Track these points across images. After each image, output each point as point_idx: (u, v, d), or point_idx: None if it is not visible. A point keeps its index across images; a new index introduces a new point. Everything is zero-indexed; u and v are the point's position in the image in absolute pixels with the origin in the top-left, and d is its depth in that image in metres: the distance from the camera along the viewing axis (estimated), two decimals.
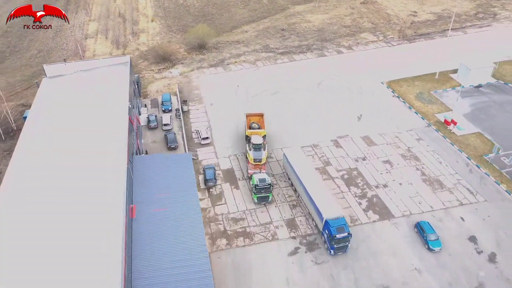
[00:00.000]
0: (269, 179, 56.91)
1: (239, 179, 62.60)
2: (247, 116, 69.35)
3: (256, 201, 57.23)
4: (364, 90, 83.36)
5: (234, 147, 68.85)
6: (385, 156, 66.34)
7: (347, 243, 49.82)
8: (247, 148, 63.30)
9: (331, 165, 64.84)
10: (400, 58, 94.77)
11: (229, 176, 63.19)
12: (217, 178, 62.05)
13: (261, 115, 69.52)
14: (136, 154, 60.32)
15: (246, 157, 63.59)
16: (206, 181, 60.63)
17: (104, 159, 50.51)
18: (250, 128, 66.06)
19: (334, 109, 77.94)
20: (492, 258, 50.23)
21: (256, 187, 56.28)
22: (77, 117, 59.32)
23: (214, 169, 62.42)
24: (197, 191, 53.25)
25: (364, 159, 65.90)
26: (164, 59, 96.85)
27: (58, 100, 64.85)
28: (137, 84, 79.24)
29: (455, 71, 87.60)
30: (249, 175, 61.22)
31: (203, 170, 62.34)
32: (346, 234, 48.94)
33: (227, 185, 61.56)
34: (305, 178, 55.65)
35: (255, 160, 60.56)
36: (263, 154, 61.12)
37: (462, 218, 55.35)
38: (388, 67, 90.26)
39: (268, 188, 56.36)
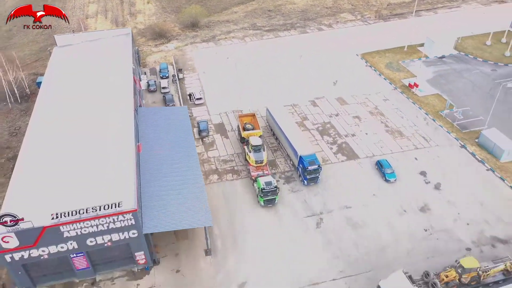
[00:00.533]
0: (275, 182, 56.35)
1: (228, 131, 72.43)
2: (239, 117, 68.71)
3: (262, 204, 56.74)
4: (340, 61, 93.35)
5: (224, 106, 78.46)
6: (355, 112, 76.59)
7: (318, 175, 60.02)
8: (246, 150, 62.59)
9: (308, 120, 74.97)
10: (375, 34, 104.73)
11: (220, 128, 73.07)
12: (209, 130, 71.85)
13: (253, 115, 69.36)
14: None
15: (246, 159, 63.60)
16: (200, 132, 70.40)
17: (115, 106, 59.87)
18: (244, 129, 65.38)
19: (313, 76, 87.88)
20: (437, 186, 60.82)
21: (263, 190, 55.44)
22: (88, 77, 68.31)
23: (207, 123, 72.18)
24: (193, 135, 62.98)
25: (337, 115, 76.08)
26: (160, 35, 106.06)
27: (70, 65, 73.77)
28: (137, 55, 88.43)
29: (422, 44, 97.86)
30: (252, 178, 59.96)
31: (197, 124, 72.04)
32: (316, 166, 59.12)
33: (218, 135, 71.47)
34: (285, 126, 65.63)
35: (256, 162, 60.41)
36: (264, 155, 60.95)
37: (416, 158, 65.87)
38: (363, 42, 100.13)
39: (275, 191, 55.84)
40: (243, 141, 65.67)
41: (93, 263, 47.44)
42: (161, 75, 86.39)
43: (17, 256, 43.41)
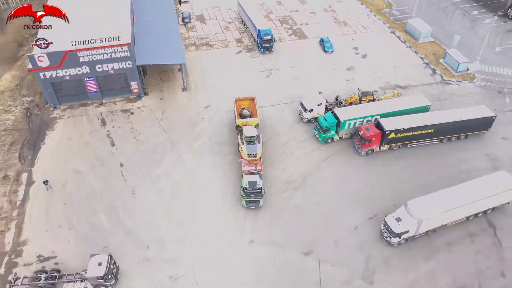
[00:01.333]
0: (260, 183, 49.26)
1: (206, 20, 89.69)
2: (236, 101, 60.86)
3: (244, 205, 50.49)
4: None
5: (206, 3, 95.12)
6: (312, 9, 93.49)
7: (271, 45, 77.89)
8: (240, 141, 55.62)
9: (272, 13, 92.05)
10: None
11: (200, 18, 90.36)
12: (191, 18, 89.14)
13: (252, 99, 61.38)
14: None
15: (239, 151, 56.46)
16: (183, 19, 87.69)
17: None
18: (241, 115, 58.54)
19: None
20: (364, 56, 78.84)
21: (245, 190, 49.21)
22: None
23: (190, 13, 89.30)
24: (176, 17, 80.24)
25: (296, 11, 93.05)
26: None
27: None
28: None
29: None
30: (244, 173, 52.23)
31: (182, 14, 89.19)
32: (270, 37, 76.92)
33: (198, 22, 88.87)
34: (250, 12, 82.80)
35: (249, 155, 53.35)
36: (258, 148, 53.69)
37: (352, 39, 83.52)
38: None
39: (259, 193, 49.10)
40: (238, 128, 57.81)
41: (101, 89, 66.23)
42: None
43: (47, 74, 62.05)
